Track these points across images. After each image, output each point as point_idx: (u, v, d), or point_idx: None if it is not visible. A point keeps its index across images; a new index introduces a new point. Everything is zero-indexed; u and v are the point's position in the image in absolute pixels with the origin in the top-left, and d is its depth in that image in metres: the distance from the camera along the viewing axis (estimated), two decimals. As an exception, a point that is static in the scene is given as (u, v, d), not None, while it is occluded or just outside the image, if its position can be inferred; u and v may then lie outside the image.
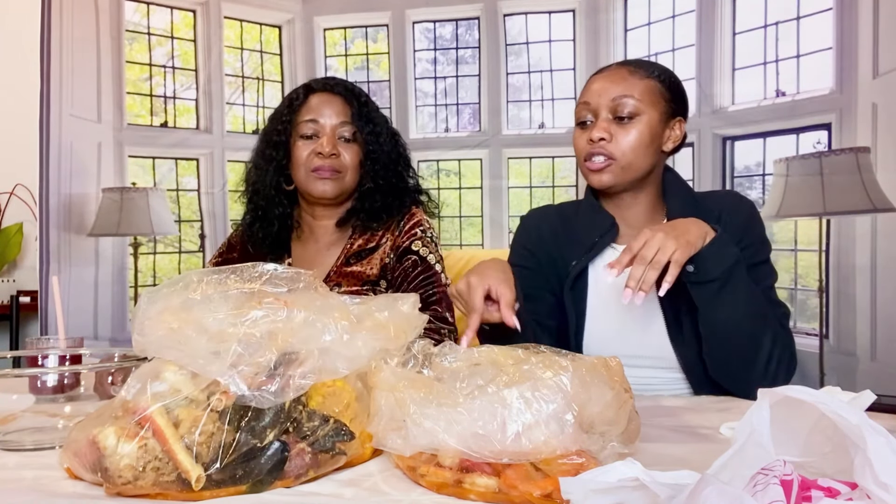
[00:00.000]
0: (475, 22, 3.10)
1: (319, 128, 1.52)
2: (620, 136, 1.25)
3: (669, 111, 1.28)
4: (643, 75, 1.28)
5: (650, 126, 1.26)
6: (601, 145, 1.25)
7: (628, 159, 1.25)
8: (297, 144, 1.53)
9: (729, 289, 1.13)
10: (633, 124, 1.25)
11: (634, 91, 1.25)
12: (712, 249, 1.12)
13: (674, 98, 1.29)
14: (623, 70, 1.29)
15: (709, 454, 0.59)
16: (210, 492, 0.66)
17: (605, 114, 1.26)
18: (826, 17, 2.51)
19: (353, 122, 1.53)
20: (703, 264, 1.12)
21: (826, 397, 0.52)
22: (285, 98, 1.61)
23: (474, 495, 0.66)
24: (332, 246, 1.60)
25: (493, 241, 3.08)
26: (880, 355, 2.34)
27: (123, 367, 0.92)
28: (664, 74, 1.30)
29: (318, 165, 1.50)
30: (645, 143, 1.25)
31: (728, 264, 1.12)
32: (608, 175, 1.27)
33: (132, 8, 3.07)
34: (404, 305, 0.81)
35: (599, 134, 1.25)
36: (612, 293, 1.31)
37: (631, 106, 1.25)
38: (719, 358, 1.19)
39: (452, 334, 1.50)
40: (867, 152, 2.35)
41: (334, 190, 1.53)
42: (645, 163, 1.28)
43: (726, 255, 1.13)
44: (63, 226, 2.91)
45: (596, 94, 1.28)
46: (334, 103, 1.54)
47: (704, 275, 1.13)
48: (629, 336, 1.29)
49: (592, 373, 0.70)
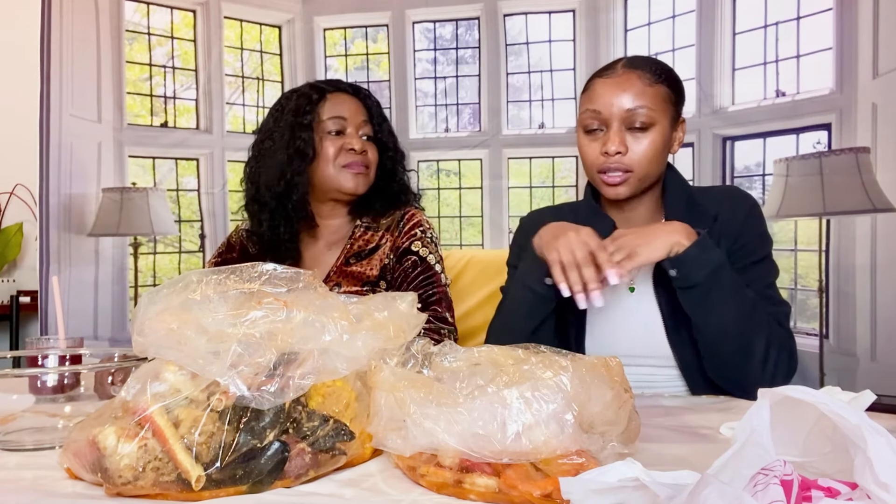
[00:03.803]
0: (475, 22, 3.10)
1: (346, 125, 1.53)
2: (635, 146, 1.22)
3: (676, 114, 1.28)
4: (652, 80, 1.24)
5: (663, 134, 1.24)
6: (617, 159, 1.22)
7: (645, 170, 1.24)
8: (325, 142, 1.52)
9: (715, 293, 1.13)
10: (647, 134, 1.22)
11: (648, 101, 1.22)
12: (693, 253, 1.12)
13: (678, 99, 1.28)
14: (632, 76, 1.24)
15: (709, 454, 0.59)
16: (210, 492, 0.66)
17: (617, 125, 1.22)
18: (826, 17, 2.51)
19: (371, 121, 1.57)
20: (685, 269, 1.13)
21: (826, 397, 0.52)
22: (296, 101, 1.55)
23: (474, 495, 0.66)
24: (332, 246, 1.60)
25: (493, 242, 3.08)
26: (880, 355, 2.34)
27: (123, 367, 0.92)
28: (666, 74, 1.28)
29: (351, 161, 1.52)
30: (659, 152, 1.24)
31: (710, 268, 1.12)
32: (625, 188, 1.25)
33: (132, 8, 3.07)
34: (403, 304, 0.81)
35: (616, 147, 1.21)
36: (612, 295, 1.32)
37: (645, 116, 1.21)
38: (713, 361, 1.20)
39: (452, 334, 1.50)
40: (867, 152, 2.35)
41: (365, 185, 1.55)
42: (659, 170, 1.28)
43: (708, 259, 1.13)
44: (63, 226, 2.91)
45: (607, 103, 1.23)
46: (353, 103, 1.56)
47: (686, 280, 1.13)
48: (629, 336, 1.29)
49: (592, 373, 0.70)
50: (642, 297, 1.29)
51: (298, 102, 1.55)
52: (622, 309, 1.30)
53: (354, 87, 1.62)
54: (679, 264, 1.13)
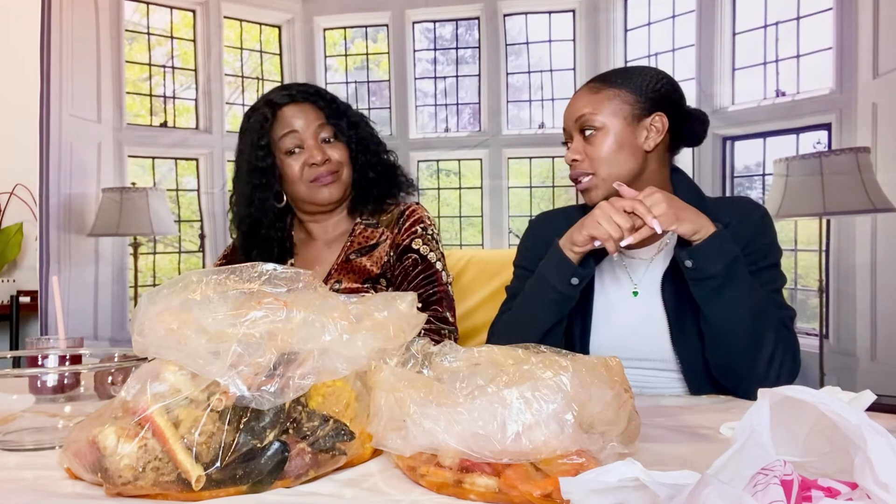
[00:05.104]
0: (475, 22, 3.10)
1: (300, 138, 1.51)
2: (590, 151, 1.30)
3: (638, 111, 1.30)
4: (599, 87, 1.32)
5: (615, 133, 1.29)
6: (576, 166, 1.32)
7: (606, 170, 1.29)
8: (286, 162, 1.52)
9: (730, 286, 1.14)
10: (597, 137, 1.30)
11: (591, 106, 1.30)
12: (710, 245, 1.13)
13: (642, 97, 1.30)
14: (584, 89, 1.35)
15: (709, 454, 0.59)
16: (210, 492, 0.66)
17: (576, 134, 1.33)
18: (826, 17, 2.51)
19: (328, 122, 1.54)
20: (701, 260, 1.14)
21: (826, 397, 0.52)
22: (252, 122, 1.56)
23: (474, 495, 0.66)
24: (332, 243, 1.60)
25: (492, 241, 3.08)
26: (880, 355, 2.34)
27: (123, 367, 0.92)
28: (622, 77, 1.33)
29: (316, 175, 1.51)
30: (614, 151, 1.29)
31: (727, 260, 1.13)
32: (595, 191, 1.31)
33: (132, 8, 3.06)
34: (403, 304, 0.81)
35: (572, 156, 1.32)
36: (618, 297, 1.33)
37: (592, 120, 1.30)
38: (720, 357, 1.20)
39: (453, 334, 1.49)
40: (867, 152, 2.35)
41: (339, 191, 1.54)
42: (626, 167, 1.30)
43: (725, 251, 1.14)
44: (63, 226, 2.91)
45: (567, 116, 1.35)
46: (305, 110, 1.53)
47: (702, 271, 1.14)
48: (632, 338, 1.31)
49: (592, 373, 0.70)
50: (647, 299, 1.30)
51: (253, 124, 1.55)
52: (627, 311, 1.32)
53: (304, 90, 1.57)
54: (696, 255, 1.14)
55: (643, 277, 1.33)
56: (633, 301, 1.32)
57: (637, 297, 1.32)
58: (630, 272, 1.35)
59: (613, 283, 1.35)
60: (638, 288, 1.32)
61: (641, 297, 1.32)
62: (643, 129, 1.30)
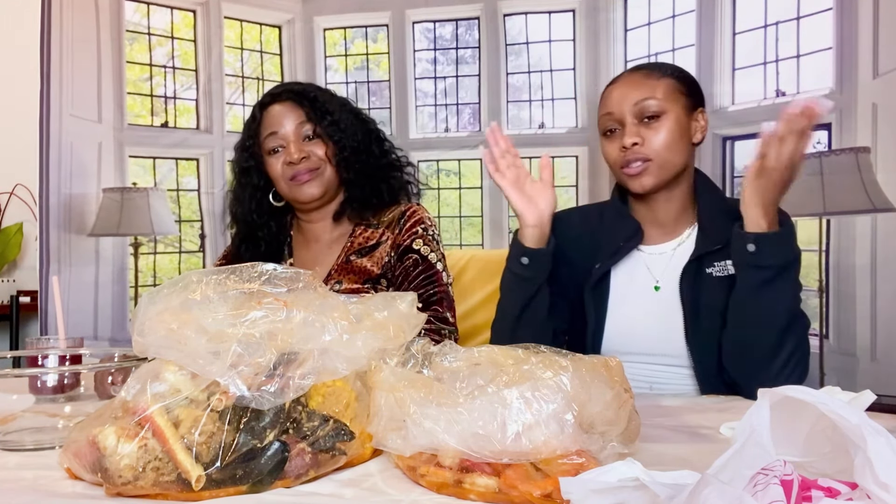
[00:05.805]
0: (475, 22, 3.10)
1: (281, 138, 1.53)
2: (651, 136, 1.27)
3: (690, 104, 1.31)
4: (658, 76, 1.30)
5: (678, 121, 1.28)
6: (635, 150, 1.27)
7: (664, 157, 1.27)
8: (269, 162, 1.54)
9: (779, 282, 1.14)
10: (661, 122, 1.27)
11: (655, 91, 1.28)
12: (779, 236, 1.13)
13: (690, 91, 1.32)
14: (638, 74, 1.32)
15: (709, 454, 0.59)
16: (210, 492, 0.66)
17: (630, 119, 1.29)
18: (826, 17, 2.51)
19: (308, 120, 1.54)
20: (764, 249, 1.13)
21: (826, 397, 0.52)
22: (245, 123, 1.62)
23: (474, 495, 0.66)
24: (333, 244, 1.60)
25: (492, 242, 3.08)
26: (880, 355, 2.34)
27: (123, 367, 0.92)
28: (676, 71, 1.34)
29: (293, 173, 1.52)
30: (676, 139, 1.28)
31: (787, 258, 1.14)
32: (648, 177, 1.28)
33: (132, 8, 3.06)
34: (403, 304, 0.81)
35: (632, 139, 1.27)
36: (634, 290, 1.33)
37: (655, 105, 1.27)
38: (741, 350, 1.19)
39: (453, 334, 1.49)
40: (867, 152, 2.35)
41: (319, 188, 1.53)
42: (680, 158, 1.30)
43: (788, 248, 1.15)
44: (63, 226, 2.91)
45: (617, 102, 1.30)
46: (286, 110, 1.54)
47: (763, 258, 1.13)
48: (647, 333, 1.31)
49: (592, 373, 0.70)
50: (666, 295, 1.30)
51: (245, 125, 1.60)
52: (644, 305, 1.32)
53: (289, 89, 1.58)
54: (762, 241, 1.13)
55: (663, 273, 1.32)
56: (653, 296, 1.32)
57: (659, 291, 1.32)
58: (649, 266, 1.34)
59: (630, 277, 1.34)
60: (659, 283, 1.32)
61: (663, 291, 1.31)
62: (693, 121, 1.31)
